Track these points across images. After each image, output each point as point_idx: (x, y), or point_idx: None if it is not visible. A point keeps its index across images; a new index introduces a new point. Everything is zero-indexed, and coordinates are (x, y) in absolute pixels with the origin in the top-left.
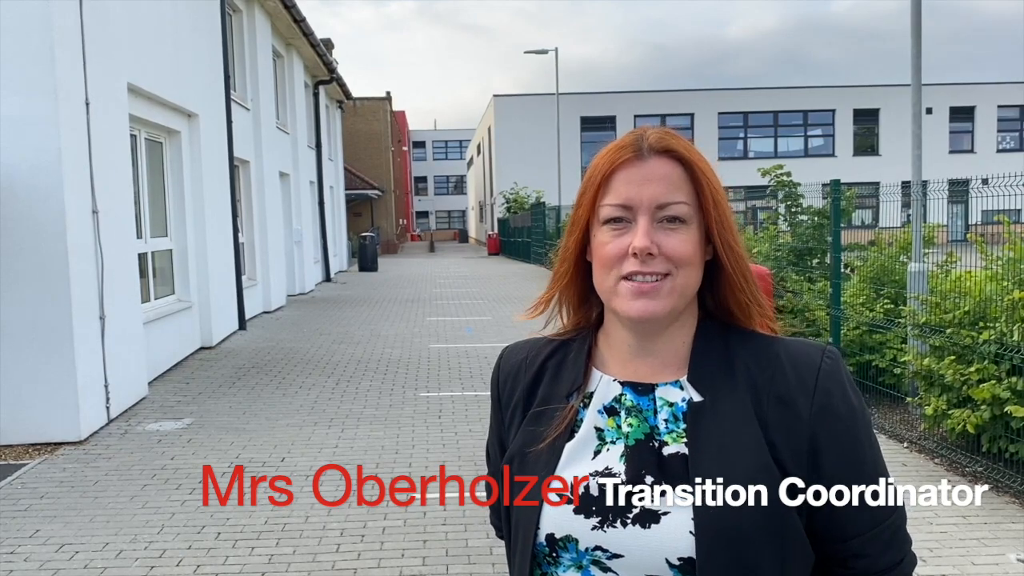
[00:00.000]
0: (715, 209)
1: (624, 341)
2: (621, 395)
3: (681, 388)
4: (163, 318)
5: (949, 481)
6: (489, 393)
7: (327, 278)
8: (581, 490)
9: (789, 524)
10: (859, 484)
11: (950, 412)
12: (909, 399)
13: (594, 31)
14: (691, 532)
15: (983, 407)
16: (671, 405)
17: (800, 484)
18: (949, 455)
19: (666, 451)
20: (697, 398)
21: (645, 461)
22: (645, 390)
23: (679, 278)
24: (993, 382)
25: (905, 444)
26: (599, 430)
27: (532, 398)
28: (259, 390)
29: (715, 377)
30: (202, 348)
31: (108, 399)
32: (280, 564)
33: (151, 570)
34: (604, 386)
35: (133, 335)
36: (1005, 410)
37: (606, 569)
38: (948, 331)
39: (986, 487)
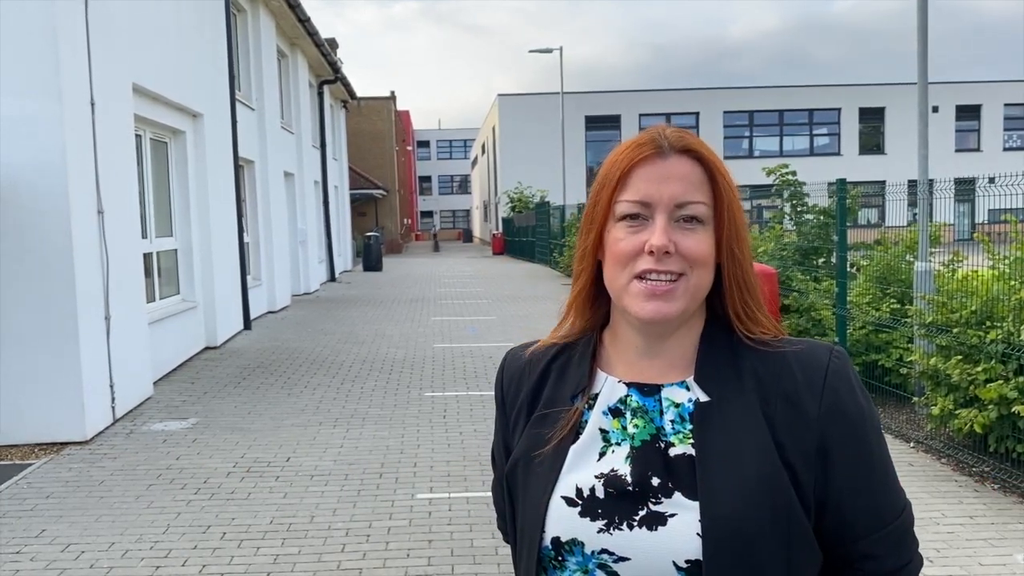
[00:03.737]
0: (728, 214)
1: (632, 342)
2: (626, 396)
3: (687, 389)
4: (168, 318)
5: (957, 482)
6: (493, 394)
7: (332, 278)
8: (587, 492)
9: (797, 525)
10: (868, 485)
11: (957, 412)
12: (915, 399)
13: (594, 32)
14: (698, 534)
15: (990, 407)
16: (677, 406)
17: (808, 485)
18: (956, 455)
19: (672, 452)
20: (704, 398)
21: (651, 462)
22: (651, 391)
23: (693, 279)
24: (1000, 382)
25: (912, 444)
26: (604, 431)
27: (536, 401)
28: (264, 390)
29: (722, 377)
30: (207, 348)
31: (113, 399)
32: (285, 564)
33: (156, 570)
34: (609, 387)
35: (138, 335)
36: (1012, 410)
37: (612, 573)
38: (955, 330)
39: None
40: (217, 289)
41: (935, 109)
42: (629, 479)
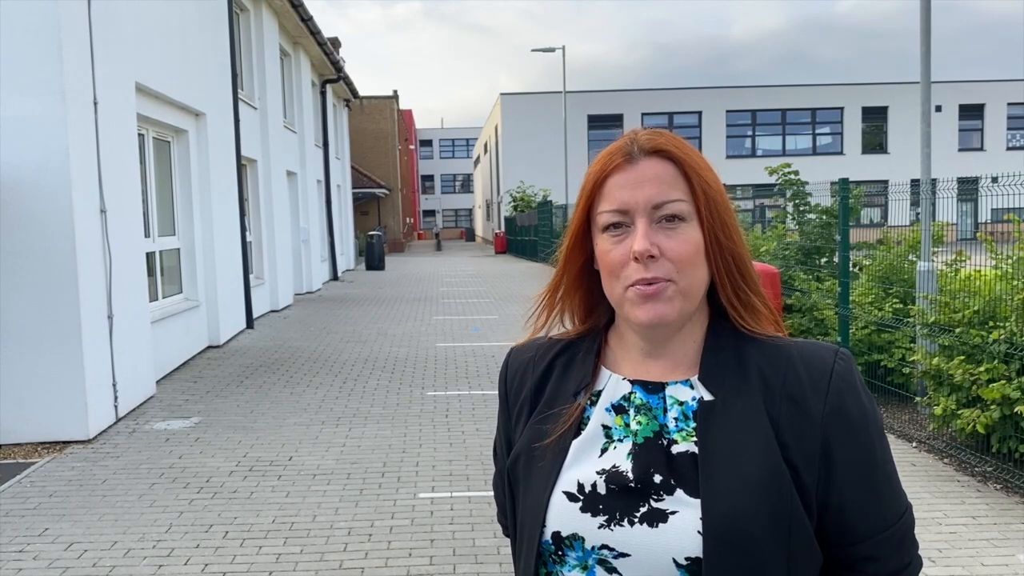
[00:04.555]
0: (706, 207)
1: (636, 344)
2: (630, 393)
3: (691, 387)
4: (171, 317)
5: (959, 482)
6: (496, 392)
7: (334, 277)
8: (588, 488)
9: (797, 525)
10: (870, 487)
11: (959, 412)
12: (918, 399)
13: (598, 32)
14: (699, 532)
15: (993, 407)
16: (681, 404)
17: (810, 486)
18: (958, 455)
19: (675, 449)
20: (708, 397)
21: (653, 459)
22: (655, 388)
23: (683, 281)
24: (1003, 382)
25: (914, 444)
26: (606, 428)
27: (539, 396)
28: (267, 389)
29: (726, 376)
30: (210, 347)
31: (116, 398)
32: (287, 563)
33: (159, 569)
34: (613, 384)
35: (141, 334)
36: (1015, 410)
37: (612, 569)
38: (957, 330)
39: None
40: (220, 288)
41: (938, 108)
42: (631, 475)
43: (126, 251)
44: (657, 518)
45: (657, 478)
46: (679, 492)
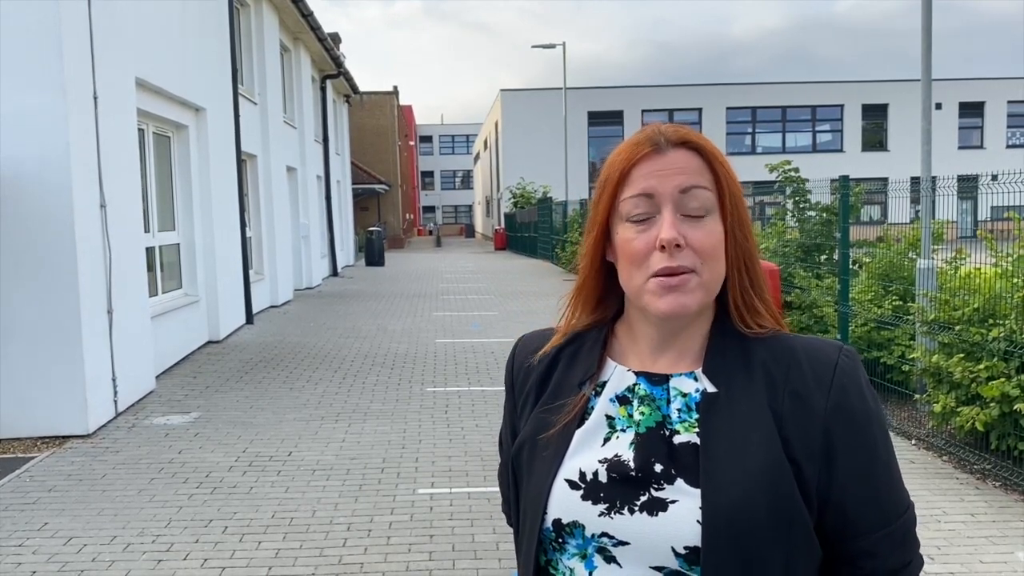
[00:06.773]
0: (730, 200)
1: (647, 336)
2: (635, 384)
3: (695, 379)
4: (170, 312)
5: (958, 479)
6: (496, 388)
7: (334, 272)
8: (590, 476)
9: (797, 519)
10: (872, 484)
11: (959, 409)
12: (917, 396)
13: (598, 30)
14: (698, 521)
15: (992, 404)
16: (685, 395)
17: (811, 481)
18: (957, 453)
19: (677, 440)
20: (711, 389)
21: (655, 449)
22: (659, 380)
23: (706, 273)
24: (1002, 379)
25: (913, 441)
26: (610, 418)
27: (545, 386)
28: (266, 384)
29: (730, 369)
30: (209, 342)
31: (116, 393)
32: (287, 558)
33: (158, 564)
34: (618, 375)
35: (141, 329)
36: (1014, 407)
37: (610, 558)
38: (957, 328)
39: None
40: (219, 283)
41: (938, 106)
42: (632, 464)
43: (126, 246)
44: (657, 507)
45: (658, 467)
46: (679, 482)
